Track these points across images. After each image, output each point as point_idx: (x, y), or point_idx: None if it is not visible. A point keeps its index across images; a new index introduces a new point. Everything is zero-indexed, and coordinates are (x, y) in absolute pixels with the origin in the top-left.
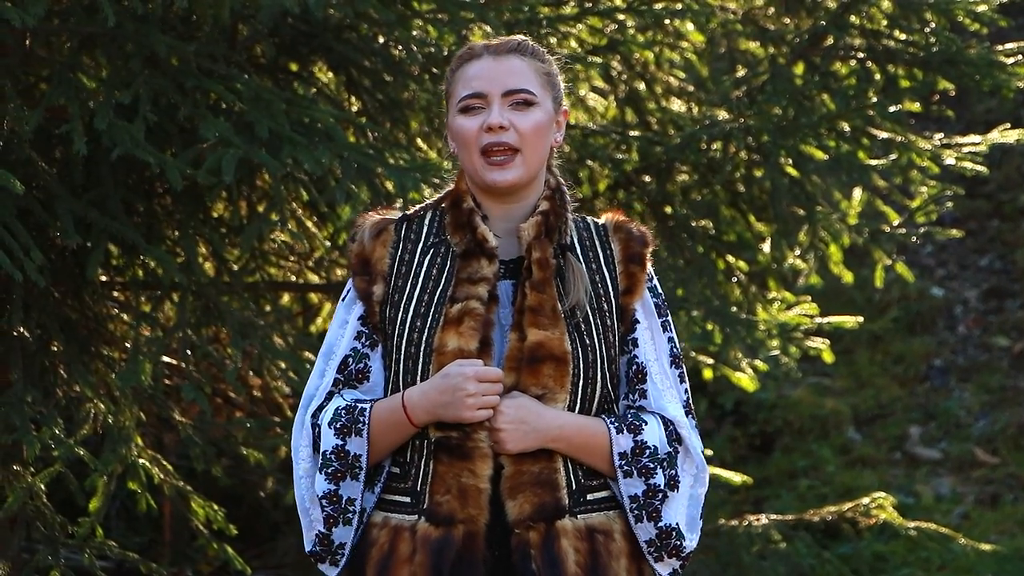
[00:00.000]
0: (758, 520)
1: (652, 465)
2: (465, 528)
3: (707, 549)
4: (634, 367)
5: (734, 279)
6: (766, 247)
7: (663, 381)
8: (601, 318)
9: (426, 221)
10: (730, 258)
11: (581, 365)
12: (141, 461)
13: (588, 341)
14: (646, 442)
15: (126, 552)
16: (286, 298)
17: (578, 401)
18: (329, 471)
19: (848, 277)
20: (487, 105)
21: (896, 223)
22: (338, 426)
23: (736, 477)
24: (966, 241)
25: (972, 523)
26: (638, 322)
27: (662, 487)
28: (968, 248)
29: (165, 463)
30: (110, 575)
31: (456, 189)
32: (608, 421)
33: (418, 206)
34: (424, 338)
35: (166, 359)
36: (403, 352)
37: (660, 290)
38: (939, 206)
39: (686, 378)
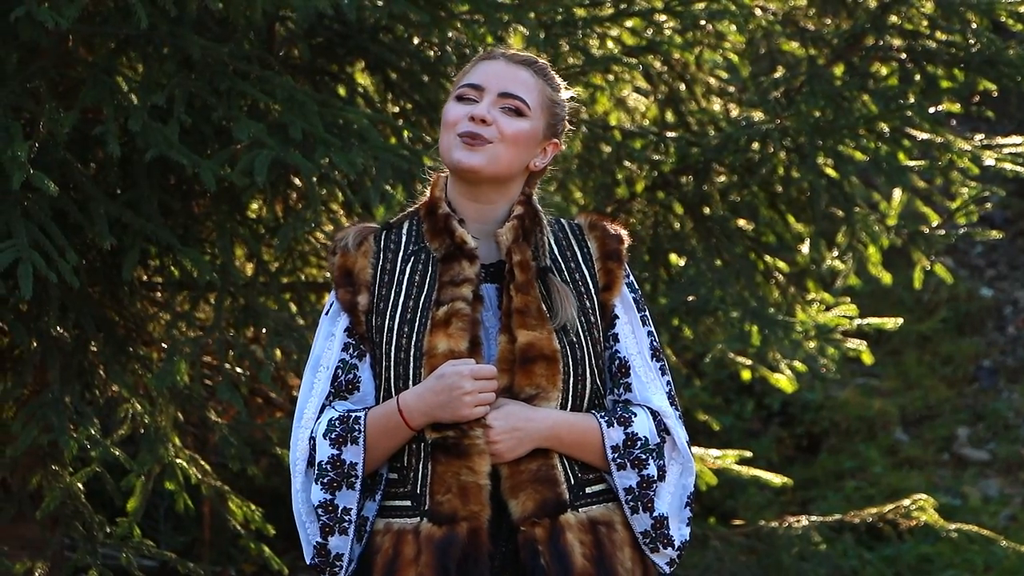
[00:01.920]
0: (798, 521)
1: (644, 456)
2: (469, 525)
3: (748, 550)
4: (617, 362)
5: (773, 280)
6: (805, 248)
7: (646, 374)
8: (584, 315)
9: (404, 230)
10: (768, 259)
11: (571, 363)
12: (179, 461)
13: (575, 339)
14: (637, 433)
15: (163, 552)
16: (326, 298)
17: (570, 398)
18: (324, 481)
19: (887, 278)
20: (480, 99)
21: (935, 224)
22: (333, 436)
23: (776, 479)
24: (1016, 241)
25: (1020, 525)
26: (617, 317)
27: (655, 478)
28: (1018, 248)
29: (204, 463)
30: (154, 574)
31: (431, 197)
32: (598, 416)
33: (397, 216)
34: (413, 343)
35: (207, 359)
36: (393, 359)
37: (636, 285)
38: (980, 207)
39: (668, 370)
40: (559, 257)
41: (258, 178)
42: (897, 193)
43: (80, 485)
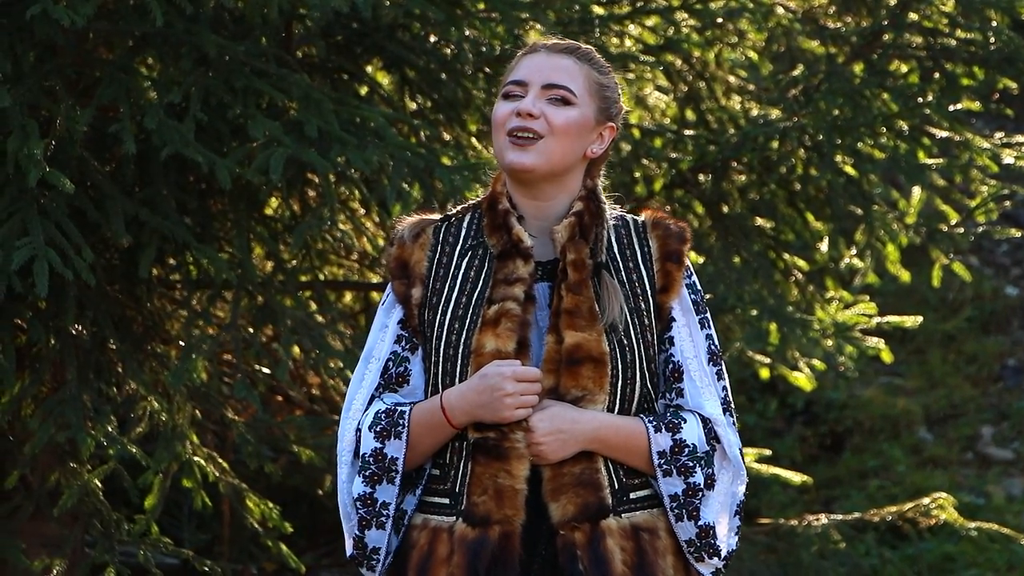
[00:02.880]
0: (818, 520)
1: (691, 463)
2: (501, 528)
3: (767, 549)
4: (671, 365)
5: (792, 278)
6: (823, 246)
7: (701, 379)
8: (639, 317)
9: (464, 223)
10: (787, 257)
11: (620, 365)
12: (196, 459)
13: (626, 341)
14: (685, 440)
15: (181, 550)
16: (348, 297)
17: (617, 401)
18: (367, 474)
19: (905, 276)
20: (525, 93)
21: (954, 222)
22: (378, 429)
23: (796, 477)
24: None
25: None
26: (674, 320)
27: (701, 486)
28: None
29: (222, 461)
30: (175, 572)
31: (493, 191)
32: (646, 420)
33: (458, 208)
34: (462, 340)
35: (227, 357)
36: (441, 354)
37: (699, 287)
38: (1000, 205)
39: (725, 375)
40: (618, 256)
41: (273, 176)
42: (916, 191)
43: (98, 483)
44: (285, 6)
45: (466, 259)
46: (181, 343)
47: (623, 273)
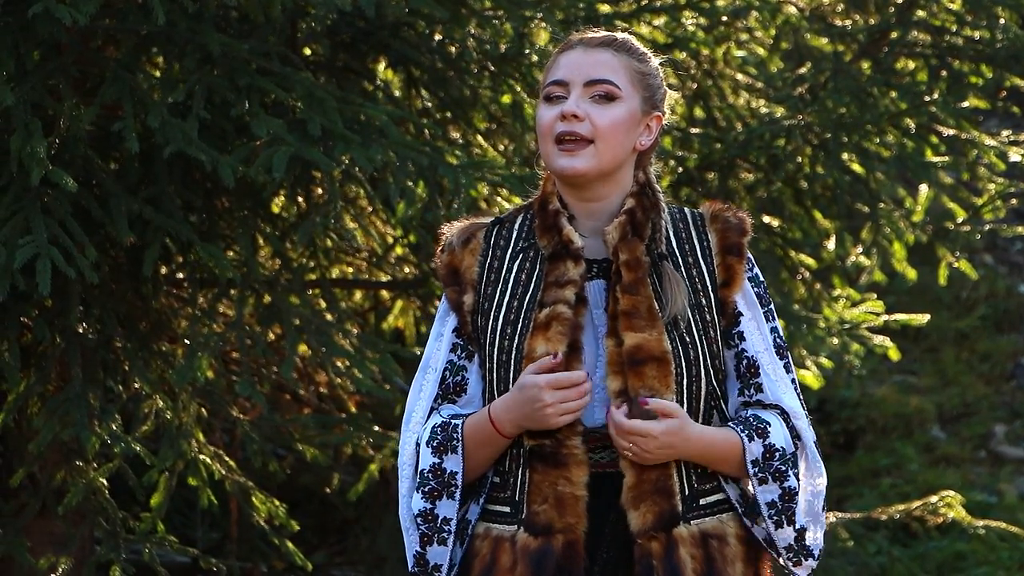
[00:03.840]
0: (825, 518)
1: (783, 468)
2: (564, 537)
3: None
4: (744, 361)
5: (799, 276)
6: (831, 244)
7: (775, 372)
8: (700, 313)
9: (516, 225)
10: (793, 254)
11: (683, 363)
12: (202, 457)
13: (688, 339)
14: (774, 444)
15: (186, 548)
16: (358, 296)
17: (684, 400)
18: (426, 490)
19: (912, 274)
20: (567, 94)
21: (960, 220)
22: (435, 444)
23: None
24: None
25: None
26: (741, 314)
27: (796, 490)
28: None
29: (229, 459)
30: (187, 571)
31: (543, 191)
32: (737, 429)
33: (510, 209)
34: (514, 345)
35: (236, 356)
36: (495, 360)
37: (761, 278)
38: (1007, 202)
39: (792, 368)
40: (676, 250)
41: (276, 174)
42: (924, 189)
43: (104, 481)
44: (289, 4)
45: (517, 262)
46: (187, 341)
47: (683, 268)
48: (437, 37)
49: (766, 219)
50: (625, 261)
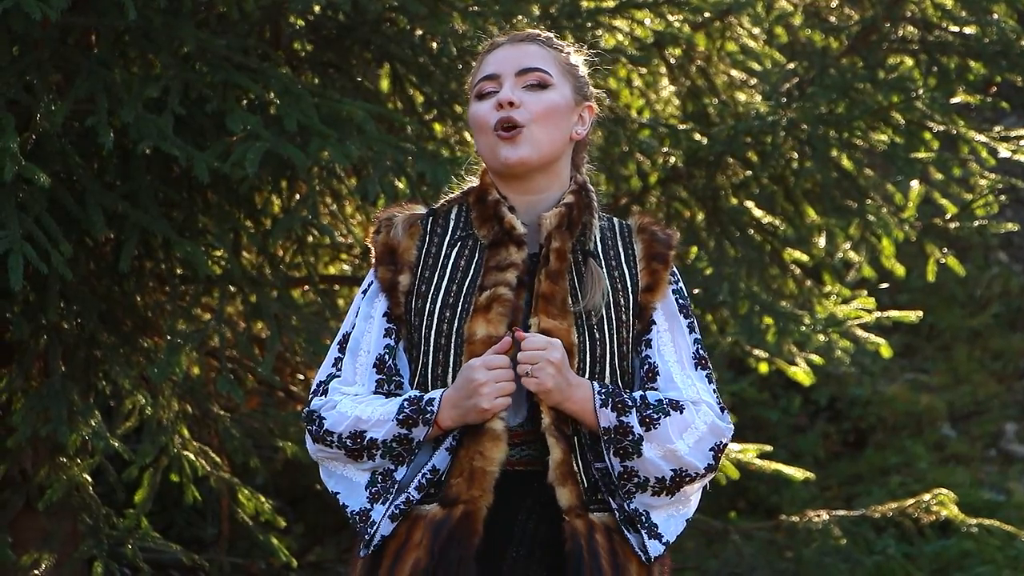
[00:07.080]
0: (819, 516)
1: (629, 403)
2: (464, 508)
3: (768, 544)
4: (646, 367)
5: (789, 273)
6: (821, 241)
7: (683, 380)
8: (616, 313)
9: (452, 216)
10: (786, 252)
11: (588, 359)
12: (186, 453)
13: (598, 334)
14: (625, 392)
15: (169, 544)
16: (345, 292)
17: None
18: (394, 454)
19: (900, 271)
20: (500, 87)
21: (948, 216)
22: (401, 417)
23: (799, 474)
24: None
25: None
26: (655, 323)
27: (634, 427)
28: None
29: (214, 456)
30: (178, 567)
31: (481, 184)
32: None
33: (442, 201)
34: (454, 328)
35: (228, 353)
36: (432, 344)
37: (685, 292)
38: (997, 198)
39: (714, 379)
40: (600, 253)
41: (250, 170)
42: (915, 185)
43: (87, 477)
44: (266, 2)
45: (455, 249)
46: (168, 337)
47: (604, 269)
48: (419, 32)
49: (756, 215)
50: (555, 248)
